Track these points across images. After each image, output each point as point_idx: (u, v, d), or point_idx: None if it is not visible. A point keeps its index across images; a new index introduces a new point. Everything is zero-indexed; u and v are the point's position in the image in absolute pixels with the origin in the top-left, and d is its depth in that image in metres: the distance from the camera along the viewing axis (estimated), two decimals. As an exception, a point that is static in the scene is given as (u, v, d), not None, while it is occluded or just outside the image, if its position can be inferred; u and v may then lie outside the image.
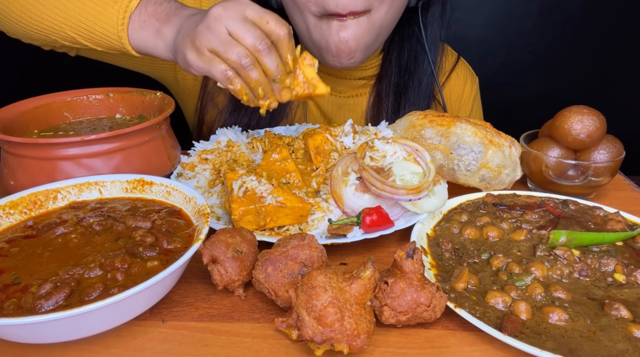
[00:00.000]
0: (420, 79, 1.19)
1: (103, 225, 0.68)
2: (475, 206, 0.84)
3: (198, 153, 0.94)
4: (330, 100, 1.23)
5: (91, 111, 1.01)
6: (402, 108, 1.18)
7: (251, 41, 0.72)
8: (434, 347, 0.57)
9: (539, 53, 2.46)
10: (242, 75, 0.74)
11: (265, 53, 0.73)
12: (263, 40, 0.72)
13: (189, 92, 1.26)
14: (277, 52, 0.74)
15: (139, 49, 0.86)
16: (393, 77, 1.18)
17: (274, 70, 0.75)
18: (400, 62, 1.18)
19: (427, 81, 1.20)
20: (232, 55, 0.72)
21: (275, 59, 0.74)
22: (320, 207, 0.80)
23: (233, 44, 0.72)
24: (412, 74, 1.18)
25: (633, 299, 0.62)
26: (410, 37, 1.17)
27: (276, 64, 0.74)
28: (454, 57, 1.30)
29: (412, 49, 1.18)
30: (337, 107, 1.23)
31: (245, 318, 0.62)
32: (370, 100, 1.23)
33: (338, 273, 0.54)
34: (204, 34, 0.73)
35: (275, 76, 0.76)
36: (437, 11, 1.16)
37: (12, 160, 0.81)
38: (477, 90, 1.32)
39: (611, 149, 0.89)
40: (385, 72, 1.19)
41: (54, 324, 0.50)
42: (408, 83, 1.18)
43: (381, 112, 1.20)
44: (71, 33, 0.88)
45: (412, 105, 1.18)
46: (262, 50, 0.73)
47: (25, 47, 1.04)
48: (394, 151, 0.82)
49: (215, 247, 0.62)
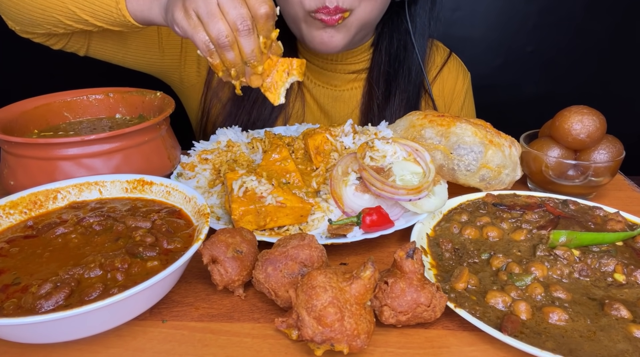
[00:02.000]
0: (410, 68, 1.22)
1: (103, 225, 0.68)
2: (475, 206, 0.84)
3: (198, 153, 0.94)
4: (326, 93, 1.26)
5: (91, 111, 1.01)
6: (393, 95, 1.21)
7: (233, 18, 0.72)
8: (434, 347, 0.57)
9: (539, 53, 2.46)
10: (219, 52, 0.75)
11: (244, 34, 0.73)
12: (245, 21, 0.72)
13: (192, 89, 1.28)
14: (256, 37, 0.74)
15: (137, 16, 0.87)
16: (383, 66, 1.22)
17: (248, 54, 0.74)
18: (390, 52, 1.21)
19: (416, 69, 1.23)
20: (213, 30, 0.72)
21: (253, 43, 0.73)
22: (320, 207, 0.80)
23: (217, 18, 0.72)
24: (402, 62, 1.21)
25: (633, 299, 0.62)
26: (399, 28, 1.20)
27: (252, 48, 0.74)
28: (446, 52, 1.33)
29: (401, 39, 1.21)
30: (333, 99, 1.26)
31: (245, 318, 0.62)
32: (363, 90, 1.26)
33: (338, 273, 0.54)
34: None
35: (248, 59, 0.75)
36: (426, 4, 1.18)
37: (12, 160, 0.81)
38: (469, 84, 1.35)
39: (611, 149, 0.89)
40: (375, 62, 1.23)
41: (54, 324, 0.50)
42: (398, 71, 1.21)
43: (372, 100, 1.23)
44: (73, 8, 0.89)
45: (403, 92, 1.22)
46: (241, 31, 0.72)
47: (26, 47, 1.04)
48: (394, 151, 0.82)
49: (215, 247, 0.62)
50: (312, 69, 1.23)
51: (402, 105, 1.22)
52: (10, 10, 0.96)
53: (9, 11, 0.96)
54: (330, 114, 1.27)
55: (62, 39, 1.04)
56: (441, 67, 1.30)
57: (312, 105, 1.27)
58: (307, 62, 1.22)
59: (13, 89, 1.59)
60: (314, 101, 1.27)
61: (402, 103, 1.22)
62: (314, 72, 1.24)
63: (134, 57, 1.17)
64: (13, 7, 0.94)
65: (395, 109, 1.21)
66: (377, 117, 1.22)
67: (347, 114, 1.27)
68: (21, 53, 2.07)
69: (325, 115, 1.28)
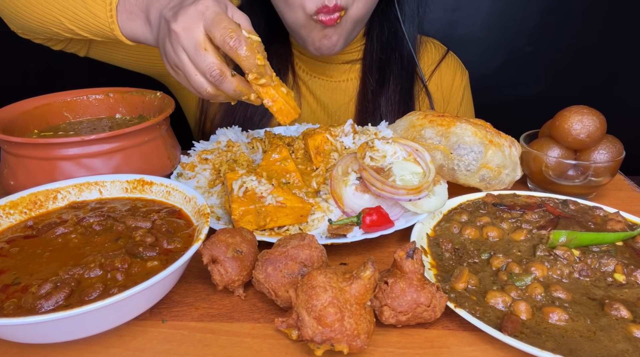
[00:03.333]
0: (402, 54, 1.24)
1: (103, 225, 0.68)
2: (475, 206, 0.84)
3: (198, 153, 0.94)
4: (322, 85, 1.27)
5: (91, 111, 1.01)
6: (387, 81, 1.23)
7: (202, 71, 0.72)
8: (434, 347, 0.57)
9: (539, 53, 2.46)
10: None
11: (218, 83, 0.72)
12: (213, 71, 0.71)
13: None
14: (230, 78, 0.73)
15: (131, 39, 0.88)
16: (375, 54, 1.24)
17: (233, 94, 0.74)
18: (381, 40, 1.23)
19: (408, 56, 1.25)
20: (196, 86, 0.74)
21: (229, 84, 0.73)
22: (320, 207, 0.80)
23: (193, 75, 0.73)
24: (394, 49, 1.23)
25: (633, 299, 0.62)
26: (389, 16, 1.22)
27: (232, 89, 0.73)
28: (443, 49, 1.35)
29: (391, 26, 1.23)
30: (329, 91, 1.28)
31: (245, 318, 0.62)
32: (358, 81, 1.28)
33: (338, 273, 0.54)
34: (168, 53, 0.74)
35: (237, 98, 0.76)
36: None
37: (12, 160, 0.81)
38: (467, 82, 1.37)
39: (611, 149, 0.89)
40: (368, 51, 1.25)
41: (54, 324, 0.50)
42: (390, 57, 1.23)
43: (366, 87, 1.24)
44: (69, 25, 0.90)
45: (397, 78, 1.23)
46: (215, 80, 0.72)
47: (26, 47, 1.04)
48: (394, 151, 0.82)
49: (215, 247, 0.62)
50: (306, 61, 1.25)
51: (397, 91, 1.24)
52: (11, 18, 0.98)
53: (10, 17, 0.99)
54: (327, 105, 1.29)
55: (61, 42, 1.06)
56: (439, 62, 1.32)
57: (309, 97, 1.28)
58: (300, 55, 1.24)
59: (13, 89, 1.59)
60: (310, 93, 1.28)
61: (396, 89, 1.24)
62: (308, 64, 1.25)
63: (134, 59, 1.18)
64: (14, 15, 0.96)
65: (390, 95, 1.23)
66: (372, 104, 1.23)
67: (344, 104, 1.28)
68: (21, 53, 2.07)
69: (322, 107, 1.29)
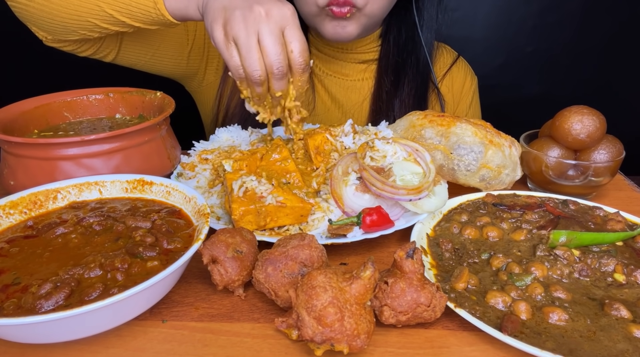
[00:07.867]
0: (418, 58, 1.25)
1: (103, 225, 0.68)
2: (475, 206, 0.84)
3: (198, 153, 0.94)
4: (337, 83, 1.28)
5: (91, 111, 1.01)
6: (402, 84, 1.24)
7: (270, 61, 0.75)
8: (434, 347, 0.57)
9: (539, 53, 2.46)
10: (248, 83, 0.79)
11: (278, 78, 0.77)
12: (280, 67, 0.75)
13: (210, 87, 1.31)
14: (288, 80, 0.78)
15: (175, 15, 0.89)
16: (392, 57, 1.25)
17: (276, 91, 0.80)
18: (398, 43, 1.24)
19: (423, 61, 1.26)
20: (248, 65, 0.75)
21: (284, 85, 0.78)
22: (320, 207, 0.80)
23: (254, 56, 0.74)
24: (410, 52, 1.24)
25: (633, 299, 0.62)
26: (407, 21, 1.23)
27: (282, 89, 0.78)
28: (454, 54, 1.37)
29: (409, 30, 1.24)
30: (344, 89, 1.29)
31: (245, 318, 0.62)
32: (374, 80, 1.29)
33: (338, 273, 0.54)
34: (237, 23, 0.74)
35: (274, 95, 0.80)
36: None
37: (12, 160, 0.81)
38: (476, 87, 1.38)
39: (611, 149, 0.89)
40: (384, 52, 1.26)
41: (54, 324, 0.50)
42: (406, 61, 1.25)
43: (381, 89, 1.25)
44: (109, 10, 0.89)
45: (411, 81, 1.24)
46: (275, 74, 0.76)
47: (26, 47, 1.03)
48: (394, 151, 0.82)
49: (215, 247, 0.62)
50: (323, 58, 1.26)
51: (410, 94, 1.24)
52: (42, 20, 0.93)
53: (42, 22, 0.94)
54: (342, 103, 1.29)
55: (94, 44, 1.03)
56: (450, 66, 1.34)
57: (323, 95, 1.29)
58: (317, 52, 1.25)
59: (13, 89, 1.59)
60: (325, 91, 1.29)
61: (410, 92, 1.24)
62: (325, 61, 1.26)
63: (160, 59, 1.19)
64: (46, 17, 0.92)
65: (404, 98, 1.24)
66: (386, 105, 1.24)
67: (358, 103, 1.28)
68: (21, 53, 2.08)
69: (337, 105, 1.29)
